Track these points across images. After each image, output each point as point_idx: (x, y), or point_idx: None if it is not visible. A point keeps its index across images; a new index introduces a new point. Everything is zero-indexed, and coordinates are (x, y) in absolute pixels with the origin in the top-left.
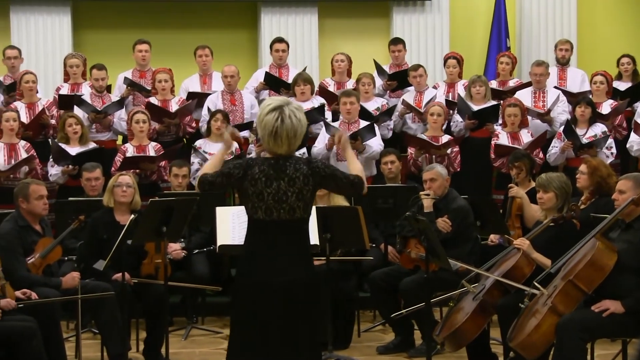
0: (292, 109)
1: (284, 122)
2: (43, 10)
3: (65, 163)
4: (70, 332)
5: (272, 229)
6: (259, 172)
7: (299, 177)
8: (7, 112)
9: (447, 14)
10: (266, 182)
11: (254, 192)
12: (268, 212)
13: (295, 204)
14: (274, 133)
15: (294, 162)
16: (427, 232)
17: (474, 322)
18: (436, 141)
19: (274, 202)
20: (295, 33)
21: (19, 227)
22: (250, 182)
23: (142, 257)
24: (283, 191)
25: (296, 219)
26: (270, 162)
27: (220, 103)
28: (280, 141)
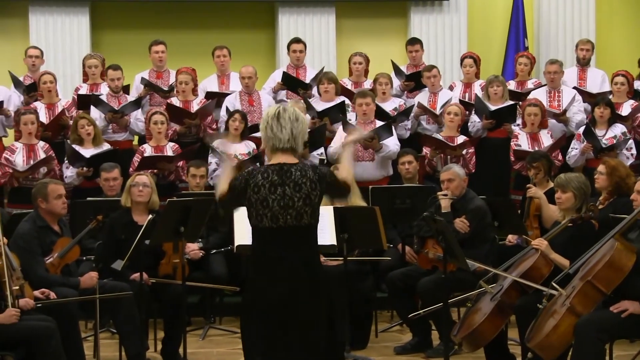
0: (294, 112)
1: (287, 110)
2: (61, 10)
3: (80, 165)
4: (88, 332)
5: (279, 236)
6: (262, 179)
7: (305, 183)
8: (25, 114)
9: (465, 14)
10: (270, 188)
11: (258, 199)
12: (274, 219)
13: (302, 209)
14: (276, 115)
15: (299, 168)
16: (444, 232)
17: (492, 322)
18: (452, 141)
19: (279, 208)
20: (312, 33)
21: (37, 227)
22: (253, 190)
23: (160, 257)
24: (289, 197)
25: (304, 225)
26: (275, 168)
27: (238, 104)
28: (283, 122)
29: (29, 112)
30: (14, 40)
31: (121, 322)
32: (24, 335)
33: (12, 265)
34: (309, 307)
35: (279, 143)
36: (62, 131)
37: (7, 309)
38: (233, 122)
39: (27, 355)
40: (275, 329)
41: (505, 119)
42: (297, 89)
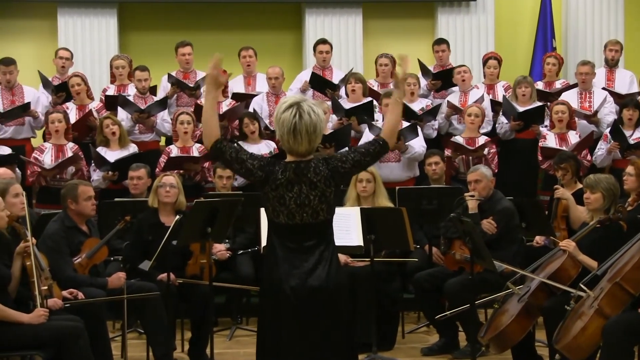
0: (309, 104)
1: (303, 117)
2: (90, 12)
3: (105, 169)
4: (116, 332)
5: (295, 232)
6: (281, 176)
7: (320, 180)
8: (53, 113)
9: (492, 15)
10: (287, 186)
11: (275, 196)
12: (290, 216)
13: (318, 207)
14: (292, 129)
15: (313, 165)
16: (471, 233)
17: (519, 324)
18: (473, 142)
19: (296, 206)
20: (339, 34)
21: (65, 228)
22: (271, 186)
23: (187, 258)
24: (305, 195)
25: (320, 222)
26: (292, 165)
27: (265, 105)
28: (300, 137)
29: (56, 112)
30: (43, 41)
31: (148, 322)
32: (52, 335)
33: (41, 265)
34: (326, 303)
35: (296, 152)
36: (90, 132)
37: (36, 308)
38: (246, 127)
39: (56, 355)
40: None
41: (534, 120)
42: (325, 89)
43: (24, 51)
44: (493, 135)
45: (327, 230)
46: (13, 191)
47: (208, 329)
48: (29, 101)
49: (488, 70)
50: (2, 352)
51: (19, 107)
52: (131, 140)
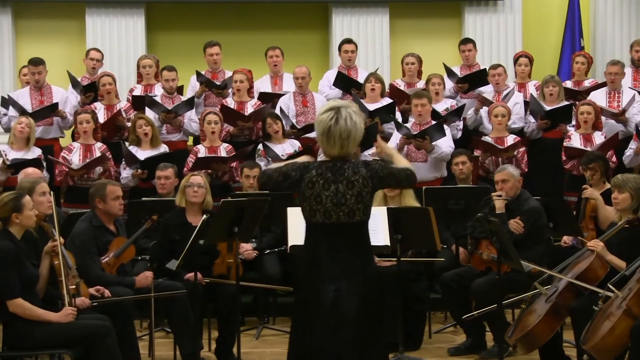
0: (349, 111)
1: (338, 122)
2: (117, 12)
3: (135, 167)
4: (143, 331)
5: (332, 232)
6: (317, 175)
7: (357, 180)
8: (81, 113)
9: (520, 14)
10: (324, 185)
11: (311, 194)
12: (327, 215)
13: (354, 207)
14: (326, 132)
15: (352, 165)
16: (499, 233)
17: (547, 324)
18: (501, 142)
19: (332, 205)
20: (366, 34)
21: (93, 227)
22: (307, 185)
23: (214, 257)
24: (342, 194)
25: (355, 222)
26: (328, 165)
27: (292, 104)
28: (332, 141)
29: (84, 112)
30: (71, 41)
31: (176, 321)
32: (80, 333)
33: (69, 264)
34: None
35: (329, 154)
36: (119, 132)
37: (64, 307)
38: (269, 127)
39: (84, 354)
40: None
41: (561, 120)
42: (350, 88)
43: (53, 51)
44: (521, 135)
45: (363, 231)
46: (40, 190)
47: (235, 328)
48: (56, 101)
49: (519, 69)
50: (31, 350)
51: (47, 107)
52: None
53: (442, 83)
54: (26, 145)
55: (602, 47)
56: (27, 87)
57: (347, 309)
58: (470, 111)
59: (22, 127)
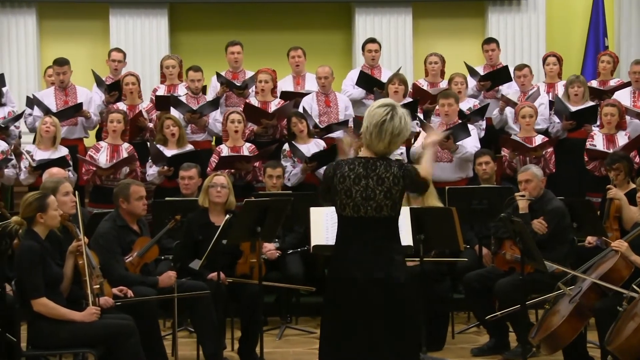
0: (403, 111)
1: (393, 119)
2: (141, 12)
3: (162, 164)
4: (166, 331)
5: (360, 225)
6: (349, 170)
7: (388, 177)
8: (113, 113)
9: (544, 13)
10: (355, 179)
11: (342, 189)
12: (356, 209)
13: (382, 202)
14: (379, 125)
15: (384, 163)
16: (522, 233)
17: (571, 325)
18: (529, 142)
19: (361, 199)
20: (389, 33)
21: (117, 227)
22: (339, 180)
23: (237, 257)
24: (371, 189)
25: (383, 217)
26: (362, 161)
27: (315, 104)
28: (383, 135)
29: (117, 112)
30: (95, 41)
31: (199, 321)
32: (103, 333)
33: (93, 264)
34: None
35: (373, 148)
36: (140, 132)
37: (88, 307)
38: (295, 127)
39: (107, 353)
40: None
41: (586, 120)
42: (372, 88)
43: (77, 52)
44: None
45: (391, 226)
46: (63, 190)
47: (258, 328)
48: (81, 102)
49: (547, 68)
50: (55, 349)
51: (72, 108)
52: None
53: (465, 82)
54: (52, 144)
55: (626, 46)
56: (51, 87)
57: (375, 300)
58: (495, 111)
59: (47, 127)
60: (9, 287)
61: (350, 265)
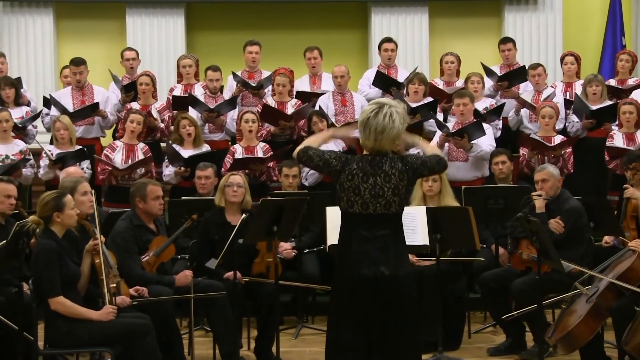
0: (392, 110)
1: (377, 116)
2: (157, 12)
3: (178, 164)
4: (183, 330)
5: (368, 222)
6: (357, 167)
7: (394, 174)
8: (134, 113)
9: (560, 12)
10: (363, 177)
11: (350, 186)
12: (364, 206)
13: (391, 199)
14: (364, 122)
15: (390, 160)
16: (539, 233)
17: (587, 325)
18: (549, 142)
19: (370, 196)
20: (405, 33)
21: (134, 226)
22: (347, 177)
23: (253, 256)
24: (379, 186)
25: (391, 213)
26: (368, 158)
27: (331, 104)
28: (367, 133)
29: (138, 113)
30: (112, 41)
31: (215, 320)
32: (120, 332)
33: (109, 263)
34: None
35: (366, 146)
36: (151, 133)
37: (105, 306)
38: (315, 126)
39: (124, 352)
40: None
41: (606, 119)
42: (389, 87)
43: (94, 51)
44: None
45: (398, 222)
46: (81, 189)
47: (274, 327)
48: (97, 101)
49: (565, 68)
50: (72, 348)
51: (88, 107)
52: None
53: (482, 82)
54: (70, 144)
55: None
56: (68, 87)
57: (381, 295)
58: (511, 112)
59: (61, 133)
60: (26, 286)
61: (356, 262)
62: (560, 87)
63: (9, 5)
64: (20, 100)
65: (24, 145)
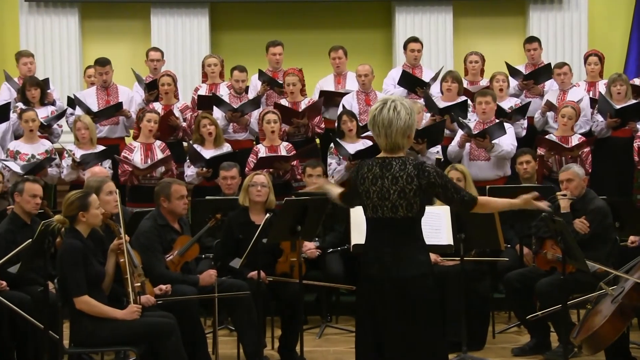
0: (395, 103)
1: (382, 112)
2: (182, 12)
3: (200, 165)
4: (207, 329)
5: (379, 226)
6: (367, 171)
7: (402, 176)
8: (150, 112)
9: (585, 11)
10: (372, 180)
11: (363, 190)
12: (374, 210)
13: (397, 202)
14: (371, 121)
15: (400, 162)
16: (564, 233)
17: (613, 325)
18: (566, 141)
19: (378, 199)
20: (430, 32)
21: (158, 226)
22: (360, 181)
23: (277, 256)
24: (386, 189)
25: (399, 217)
26: (379, 161)
27: (355, 103)
28: (377, 130)
29: (153, 112)
30: (136, 41)
31: (239, 319)
32: (145, 331)
33: (134, 262)
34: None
35: (381, 147)
36: (173, 132)
37: (129, 305)
38: (344, 125)
39: (149, 351)
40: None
41: (631, 118)
42: (414, 87)
43: (119, 51)
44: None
45: (409, 227)
46: (107, 189)
47: (298, 326)
48: (121, 101)
49: (589, 67)
50: (97, 347)
51: (112, 107)
52: (225, 139)
53: (507, 81)
54: (91, 144)
55: None
56: (93, 87)
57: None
58: (537, 113)
59: (82, 133)
60: (51, 285)
61: (371, 265)
62: (584, 86)
63: (34, 5)
64: (47, 99)
65: (49, 145)
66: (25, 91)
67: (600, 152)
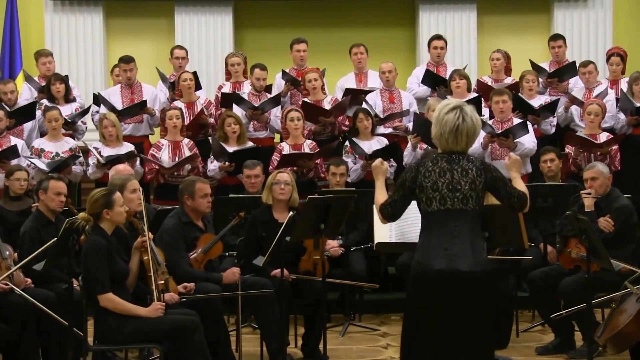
0: (470, 109)
1: (465, 120)
2: (206, 10)
3: (223, 159)
4: (230, 327)
5: (447, 218)
6: (432, 165)
7: (471, 168)
8: (170, 110)
9: (610, 9)
10: (440, 173)
11: (428, 183)
12: (442, 202)
13: (468, 193)
14: (454, 130)
15: (466, 157)
16: (588, 231)
17: (638, 324)
18: (594, 139)
19: (448, 191)
20: (453, 30)
21: (182, 223)
22: (424, 176)
23: (300, 254)
24: (457, 180)
25: (469, 209)
26: (444, 156)
27: (379, 100)
28: (460, 138)
29: (173, 109)
30: (160, 39)
31: (262, 317)
32: (169, 328)
33: (158, 260)
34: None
35: (450, 150)
36: (203, 129)
37: (153, 302)
38: (360, 122)
39: (172, 348)
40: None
41: None
42: (437, 86)
43: (143, 49)
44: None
45: (475, 219)
46: (131, 187)
47: (321, 324)
48: (145, 99)
49: (611, 67)
50: (121, 344)
51: (136, 105)
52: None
53: (536, 80)
54: (117, 142)
55: None
56: (117, 85)
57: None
58: (560, 109)
59: (109, 131)
60: (76, 282)
61: (435, 258)
62: (606, 84)
63: (59, 4)
64: (70, 95)
65: (73, 143)
66: (50, 86)
67: (622, 151)
